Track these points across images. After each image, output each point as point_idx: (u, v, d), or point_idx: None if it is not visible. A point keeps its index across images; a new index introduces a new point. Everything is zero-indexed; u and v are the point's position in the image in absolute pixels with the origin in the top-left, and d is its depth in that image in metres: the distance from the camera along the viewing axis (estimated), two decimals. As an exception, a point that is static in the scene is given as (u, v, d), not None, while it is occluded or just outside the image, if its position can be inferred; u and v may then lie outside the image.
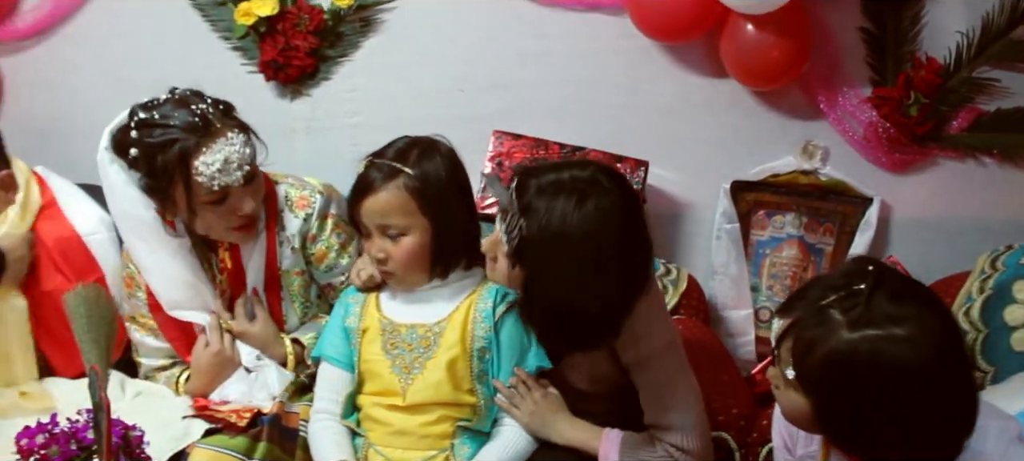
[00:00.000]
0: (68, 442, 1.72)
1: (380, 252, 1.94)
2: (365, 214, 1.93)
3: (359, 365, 2.00)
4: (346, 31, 2.75)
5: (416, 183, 1.90)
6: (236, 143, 2.02)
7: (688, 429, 1.88)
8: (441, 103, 2.74)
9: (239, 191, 2.04)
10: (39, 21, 2.91)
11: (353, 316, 2.03)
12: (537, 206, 1.74)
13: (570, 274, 1.75)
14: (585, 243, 1.72)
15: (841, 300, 1.42)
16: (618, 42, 2.68)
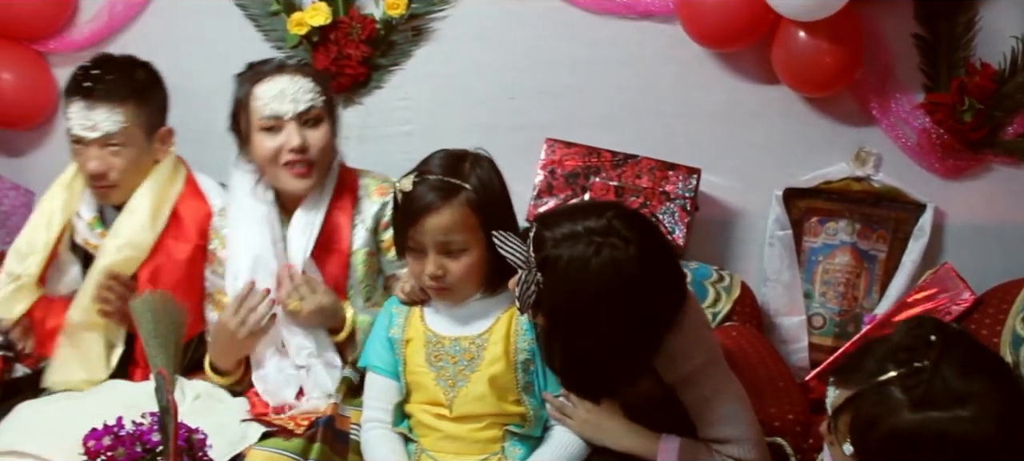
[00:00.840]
0: (133, 444, 1.74)
1: (438, 269, 1.90)
2: (425, 233, 1.89)
3: (405, 375, 2.01)
4: (398, 40, 2.78)
5: (476, 198, 1.89)
6: (298, 82, 2.15)
7: (744, 441, 1.86)
8: (492, 111, 2.75)
9: (291, 125, 2.14)
10: (95, 32, 2.97)
11: (397, 327, 2.03)
12: (553, 258, 1.71)
13: (587, 328, 1.71)
14: (600, 297, 1.68)
15: (903, 377, 1.40)
16: (669, 50, 2.68)
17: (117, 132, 2.28)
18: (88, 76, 2.30)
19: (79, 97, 2.28)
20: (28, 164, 3.11)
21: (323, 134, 2.18)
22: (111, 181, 2.31)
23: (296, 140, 2.14)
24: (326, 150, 2.20)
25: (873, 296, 2.69)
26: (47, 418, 2.12)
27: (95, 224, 2.39)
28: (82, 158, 2.32)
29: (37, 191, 3.07)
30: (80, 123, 2.27)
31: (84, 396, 2.26)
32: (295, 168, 2.17)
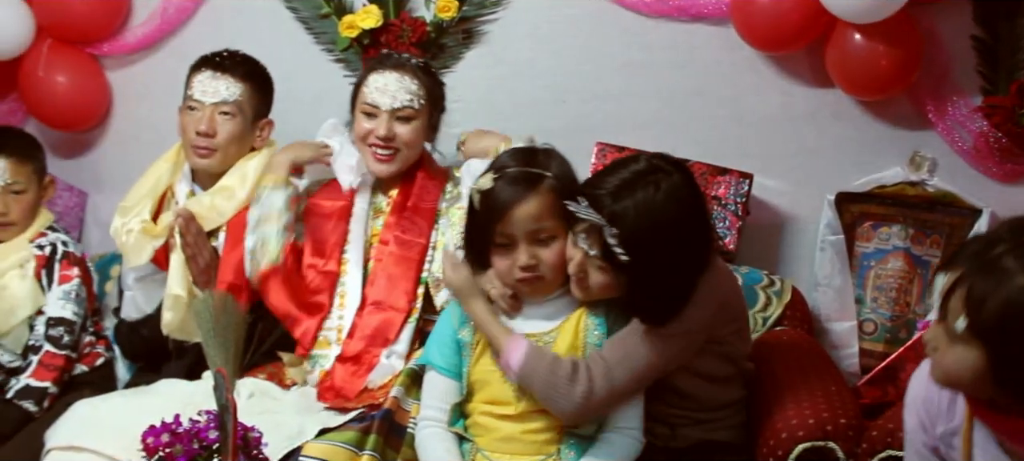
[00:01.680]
0: (191, 441, 1.75)
1: (531, 259, 1.94)
2: (515, 224, 1.93)
3: (470, 376, 2.01)
4: (448, 43, 2.78)
5: (558, 184, 1.94)
6: (403, 81, 2.34)
7: (612, 368, 1.89)
8: (543, 114, 2.75)
9: (385, 116, 2.33)
10: (147, 35, 3.01)
11: (467, 329, 2.04)
12: (620, 210, 1.81)
13: (670, 254, 1.84)
14: (671, 226, 1.84)
15: (1013, 249, 1.41)
16: (721, 52, 2.66)
17: (231, 101, 2.51)
18: (220, 53, 2.57)
19: (208, 68, 2.54)
20: (81, 165, 3.16)
21: (412, 130, 2.36)
22: (213, 145, 2.51)
23: (383, 130, 2.33)
24: (411, 144, 2.38)
25: (926, 302, 2.65)
26: (104, 415, 2.15)
27: (190, 197, 2.55)
28: (191, 121, 2.52)
29: (90, 192, 3.12)
30: (202, 88, 2.51)
31: (140, 393, 2.30)
32: (377, 153, 2.35)
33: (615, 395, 1.91)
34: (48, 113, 3.04)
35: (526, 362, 1.90)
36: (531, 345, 1.92)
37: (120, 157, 3.09)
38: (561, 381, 1.88)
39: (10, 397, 2.45)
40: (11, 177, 2.57)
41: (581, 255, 1.90)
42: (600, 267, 1.88)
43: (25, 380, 2.46)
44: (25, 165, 2.60)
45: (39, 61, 2.95)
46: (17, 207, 2.59)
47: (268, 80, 2.62)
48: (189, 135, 2.52)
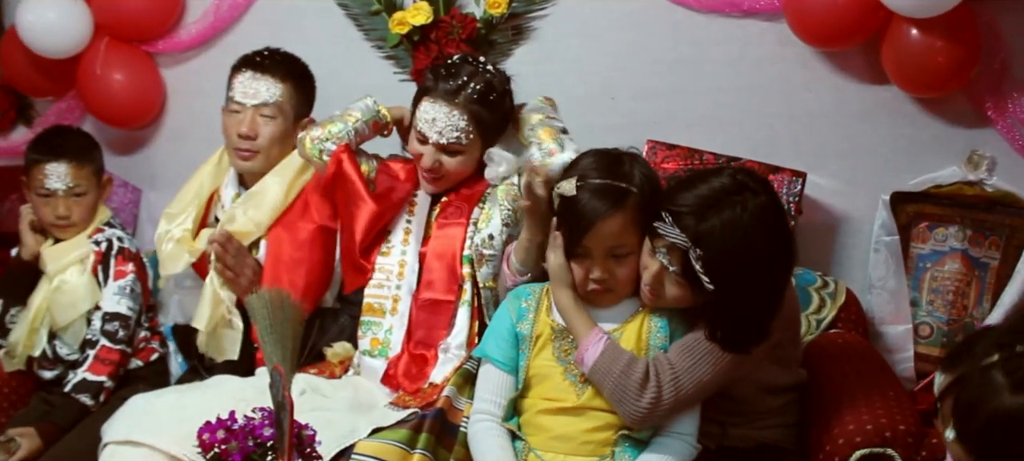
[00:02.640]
0: (246, 438, 1.77)
1: (604, 274, 1.94)
2: (594, 239, 1.92)
3: (527, 371, 2.01)
4: (498, 39, 2.78)
5: (643, 199, 1.92)
6: (452, 117, 2.29)
7: (679, 376, 1.88)
8: (593, 111, 2.73)
9: (432, 149, 2.33)
10: (201, 33, 3.05)
11: (527, 322, 2.04)
12: (705, 231, 1.79)
13: (757, 276, 1.81)
14: (759, 250, 1.80)
15: (1005, 361, 1.40)
16: (774, 48, 2.63)
17: (273, 102, 2.52)
18: (260, 53, 2.57)
19: (248, 68, 2.55)
20: (135, 162, 3.20)
21: (458, 162, 2.36)
22: (256, 146, 2.53)
23: (429, 161, 2.34)
24: (458, 174, 2.39)
25: (984, 305, 2.60)
26: (160, 410, 2.18)
27: (236, 199, 2.57)
28: (234, 123, 2.53)
29: (144, 189, 3.17)
30: (243, 90, 2.53)
31: (194, 389, 2.33)
32: (425, 175, 2.38)
33: (680, 403, 1.90)
34: (104, 110, 3.08)
35: (602, 359, 1.89)
36: (610, 343, 1.91)
37: (173, 154, 3.13)
38: (632, 385, 1.87)
39: (68, 390, 2.50)
40: (72, 181, 2.61)
41: (659, 267, 1.89)
42: (677, 283, 1.87)
43: (82, 374, 2.51)
44: (84, 167, 2.64)
45: (96, 59, 3.00)
46: (78, 209, 2.63)
47: (309, 78, 2.63)
48: (231, 137, 2.54)
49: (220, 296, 2.46)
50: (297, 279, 2.44)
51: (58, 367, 2.63)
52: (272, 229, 2.50)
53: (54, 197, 2.61)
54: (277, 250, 2.48)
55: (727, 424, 2.06)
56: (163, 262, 2.57)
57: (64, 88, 3.18)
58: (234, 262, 2.44)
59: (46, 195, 2.61)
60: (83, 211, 2.65)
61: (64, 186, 2.60)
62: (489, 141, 2.39)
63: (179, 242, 2.53)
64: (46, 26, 2.94)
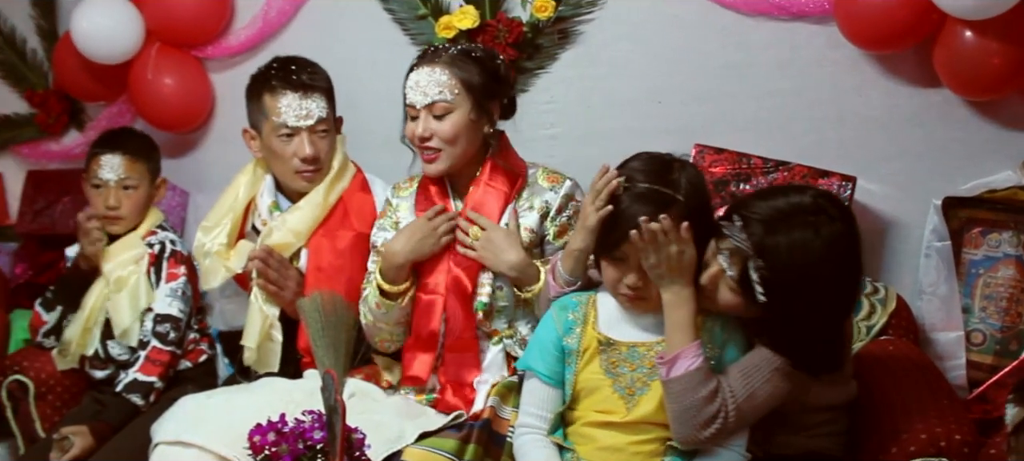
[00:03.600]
0: (296, 441, 1.78)
1: (639, 281, 1.90)
2: (634, 247, 1.86)
3: (575, 384, 1.99)
4: (544, 43, 2.78)
5: (688, 207, 1.87)
6: (433, 74, 2.22)
7: (740, 398, 1.84)
8: (639, 115, 2.72)
9: (422, 115, 2.23)
10: (250, 38, 3.08)
11: (574, 336, 2.00)
12: (771, 244, 1.75)
13: (816, 303, 1.76)
14: (825, 275, 1.76)
15: None
16: (823, 52, 2.60)
17: (325, 118, 2.50)
18: (291, 71, 2.49)
19: (290, 90, 2.47)
20: (184, 165, 3.24)
21: (450, 125, 2.22)
22: (319, 165, 2.51)
23: (420, 128, 2.23)
24: (452, 139, 2.23)
25: (1040, 313, 2.55)
26: (209, 411, 2.20)
27: (274, 208, 2.57)
28: (291, 148, 2.48)
29: (192, 192, 3.20)
30: (295, 113, 2.46)
31: (243, 390, 2.35)
32: (424, 154, 2.26)
33: (740, 427, 1.87)
34: (155, 114, 3.13)
35: (687, 378, 1.83)
36: (704, 365, 1.84)
37: (221, 157, 3.16)
38: (702, 419, 1.82)
39: (119, 390, 2.54)
40: (124, 172, 2.67)
41: (717, 269, 1.85)
42: (732, 289, 1.84)
43: (133, 374, 2.55)
44: (138, 163, 2.70)
45: (148, 64, 3.04)
46: (128, 203, 2.68)
47: (330, 78, 2.59)
48: (290, 162, 2.49)
49: (266, 312, 2.45)
50: (339, 287, 2.37)
51: (110, 367, 2.67)
52: (312, 238, 2.49)
53: (106, 187, 2.67)
54: (318, 258, 2.46)
55: (775, 431, 2.04)
56: (201, 275, 2.59)
57: (116, 93, 3.23)
58: (277, 276, 2.42)
59: (98, 185, 2.68)
60: (132, 205, 2.69)
61: (115, 177, 2.66)
62: (479, 103, 2.25)
63: (215, 256, 2.53)
64: (99, 32, 2.99)
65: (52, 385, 2.72)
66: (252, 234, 2.60)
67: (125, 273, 2.64)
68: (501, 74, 2.30)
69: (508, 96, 2.34)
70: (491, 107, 2.28)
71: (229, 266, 2.52)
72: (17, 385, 2.70)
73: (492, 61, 2.30)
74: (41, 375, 2.71)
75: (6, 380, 2.70)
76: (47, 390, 2.71)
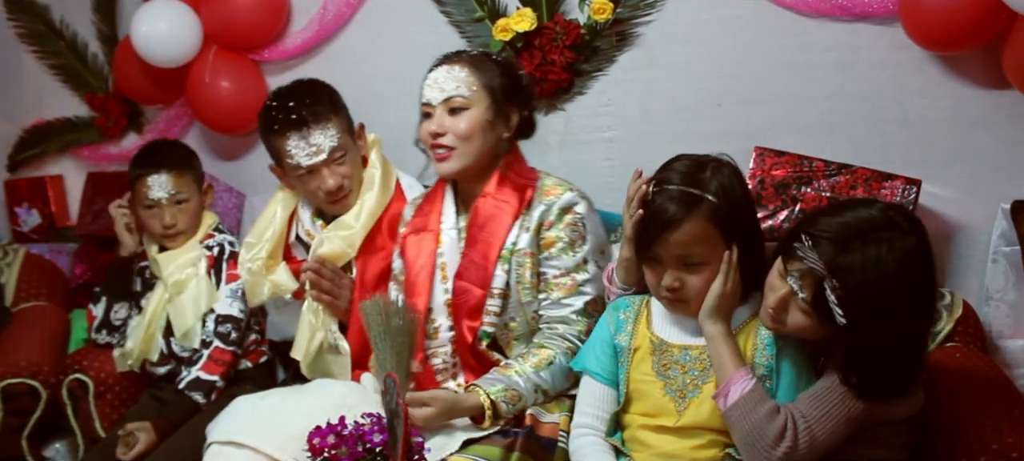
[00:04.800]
0: (356, 444, 1.78)
1: (675, 282, 1.89)
2: (664, 246, 1.87)
3: (627, 384, 1.97)
4: (602, 45, 2.75)
5: (717, 209, 1.86)
6: (451, 71, 2.21)
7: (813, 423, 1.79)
8: (698, 118, 2.69)
9: (438, 111, 2.20)
10: (306, 42, 3.10)
11: (625, 333, 2.00)
12: (845, 264, 1.70)
13: (893, 322, 1.71)
14: (901, 292, 1.71)
15: None
16: (887, 53, 2.55)
17: (337, 145, 2.44)
18: (288, 110, 2.42)
19: (291, 130, 2.42)
20: (241, 167, 3.27)
21: (465, 122, 2.18)
22: (346, 190, 2.48)
23: (434, 125, 2.20)
24: (466, 137, 2.19)
25: (1111, 320, 2.48)
26: (263, 413, 2.20)
27: (316, 217, 2.56)
28: (314, 184, 2.46)
29: (249, 193, 3.23)
30: (305, 152, 2.42)
31: (297, 393, 2.33)
32: (436, 152, 2.22)
33: (815, 452, 1.81)
34: (212, 117, 3.16)
35: (746, 400, 1.80)
36: (756, 387, 1.82)
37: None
38: (769, 435, 1.78)
39: (181, 388, 2.57)
40: (174, 189, 2.68)
41: (787, 292, 1.80)
42: (805, 311, 1.79)
43: (196, 372, 2.57)
44: (185, 175, 2.71)
45: (205, 68, 3.07)
46: (183, 217, 2.70)
47: (333, 92, 2.53)
48: (317, 195, 2.47)
49: (316, 325, 2.45)
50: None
51: (171, 363, 2.70)
52: (358, 255, 2.47)
53: (159, 207, 2.68)
54: (363, 273, 2.46)
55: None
56: (247, 292, 2.58)
57: (173, 96, 3.27)
58: (331, 286, 2.42)
59: (151, 206, 2.69)
60: (188, 218, 2.71)
61: (166, 194, 2.67)
62: (497, 105, 2.21)
63: (255, 273, 2.53)
64: (158, 37, 3.03)
65: (111, 384, 2.76)
66: (297, 245, 2.60)
67: (183, 276, 2.66)
68: (523, 84, 2.29)
69: (529, 109, 2.30)
70: (509, 112, 2.24)
71: (279, 285, 2.51)
72: (78, 384, 2.74)
73: (513, 69, 2.30)
74: (100, 374, 2.75)
75: (67, 379, 2.74)
76: (106, 389, 2.75)
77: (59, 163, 3.57)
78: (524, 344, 2.22)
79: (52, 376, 2.73)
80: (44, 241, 3.52)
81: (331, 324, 2.46)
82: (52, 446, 2.85)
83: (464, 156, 2.20)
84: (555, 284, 2.17)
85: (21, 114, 3.55)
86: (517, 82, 2.27)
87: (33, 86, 3.54)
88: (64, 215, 3.56)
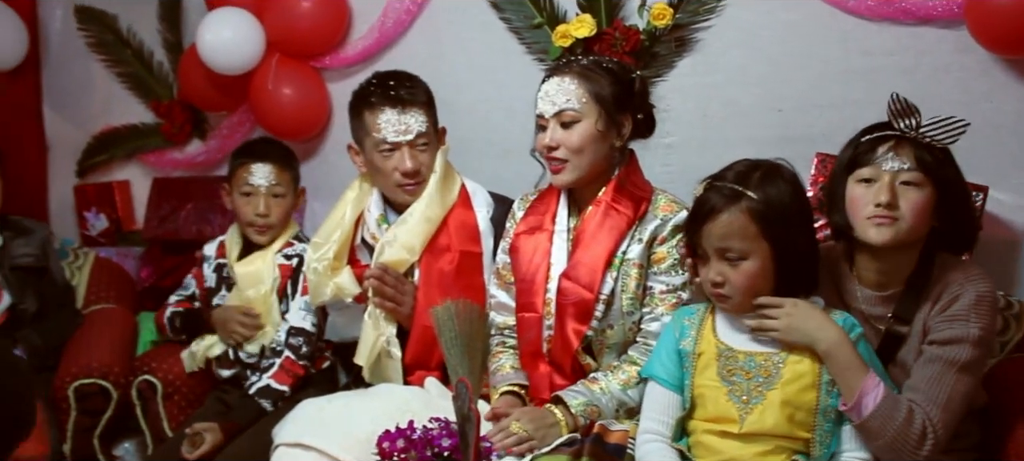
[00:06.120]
0: (425, 448, 1.80)
1: (718, 276, 1.91)
2: (705, 237, 1.92)
3: (692, 389, 1.98)
4: (661, 51, 2.76)
5: (758, 207, 1.88)
6: (562, 84, 2.21)
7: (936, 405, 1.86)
8: (758, 123, 2.69)
9: (551, 125, 2.22)
10: (366, 49, 3.14)
11: (689, 339, 2.01)
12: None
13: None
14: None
15: None
16: (952, 56, 2.52)
17: (425, 132, 2.50)
18: (390, 87, 2.50)
19: (388, 106, 2.49)
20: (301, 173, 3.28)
21: (577, 134, 2.20)
22: (420, 178, 2.51)
23: (547, 138, 2.23)
24: (578, 150, 2.21)
25: None
26: (329, 415, 2.23)
27: (382, 221, 2.58)
28: (392, 163, 2.50)
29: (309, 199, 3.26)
30: (394, 128, 2.48)
31: (363, 396, 2.36)
32: (551, 164, 2.25)
33: (949, 435, 1.87)
34: (274, 123, 3.21)
35: (882, 407, 1.83)
36: (887, 391, 1.85)
37: (337, 165, 3.22)
38: (912, 441, 1.82)
39: (252, 393, 2.61)
40: (274, 180, 2.74)
41: (889, 178, 1.92)
42: (915, 182, 1.92)
43: (267, 380, 2.61)
44: (286, 172, 2.77)
45: (268, 75, 3.13)
46: (277, 210, 2.75)
47: (430, 90, 2.58)
48: (391, 176, 2.51)
49: (380, 329, 2.48)
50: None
51: (236, 367, 2.75)
52: (422, 256, 2.50)
53: (256, 194, 2.73)
54: (428, 276, 2.48)
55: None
56: (311, 290, 2.61)
57: (237, 103, 3.33)
58: (393, 292, 2.45)
59: (248, 193, 2.74)
60: (280, 213, 2.76)
61: (266, 183, 2.73)
62: (609, 115, 2.21)
63: (322, 273, 2.56)
64: (223, 45, 3.09)
65: (178, 385, 2.81)
66: (362, 248, 2.63)
67: (253, 293, 2.71)
68: (635, 88, 2.27)
69: (644, 111, 2.30)
70: (622, 120, 2.25)
71: (342, 288, 2.54)
72: (147, 385, 2.81)
73: (626, 73, 2.29)
74: (169, 376, 2.81)
75: (136, 380, 2.81)
76: (173, 390, 2.81)
77: (126, 168, 3.66)
78: (615, 355, 2.24)
79: (122, 377, 2.79)
80: (111, 245, 3.60)
81: (389, 329, 2.50)
82: (122, 445, 2.91)
83: (577, 168, 2.23)
84: (660, 299, 2.20)
85: (90, 121, 3.64)
86: (629, 87, 2.27)
87: (101, 94, 3.63)
88: (130, 219, 3.65)
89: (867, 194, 1.96)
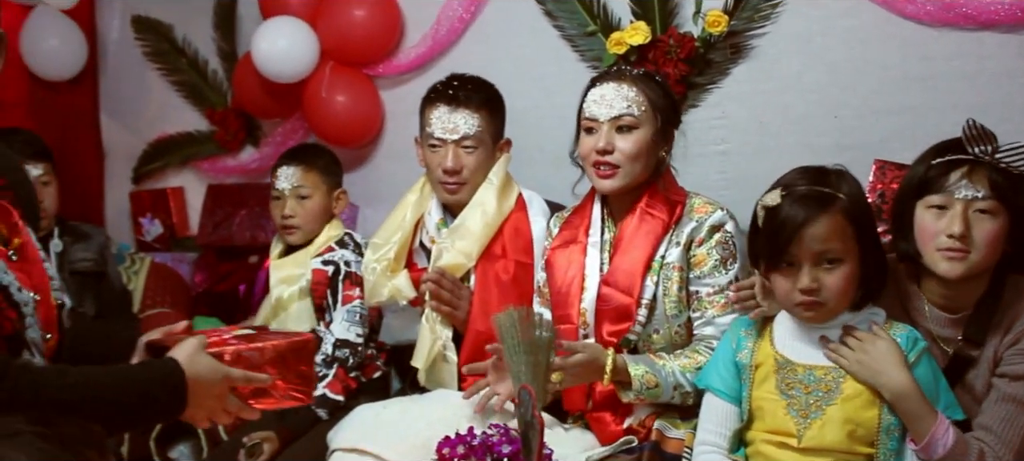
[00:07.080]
0: (485, 455, 1.81)
1: (813, 282, 1.85)
2: (802, 244, 1.85)
3: (750, 402, 1.96)
4: (716, 58, 2.74)
5: (850, 208, 1.86)
6: (620, 89, 2.22)
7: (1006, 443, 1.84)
8: (815, 130, 2.66)
9: (605, 128, 2.21)
10: (419, 56, 3.16)
11: (746, 351, 1.99)
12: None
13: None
14: None
15: None
16: (1014, 62, 2.47)
17: (473, 134, 2.52)
18: (451, 85, 2.55)
19: (442, 103, 2.54)
20: (354, 180, 3.33)
21: (633, 141, 2.20)
22: (462, 178, 2.54)
23: (602, 142, 2.21)
24: (633, 157, 2.21)
25: None
26: (384, 421, 2.25)
27: (441, 225, 2.61)
28: (437, 157, 2.54)
29: (361, 206, 3.30)
30: (441, 125, 2.52)
31: (418, 402, 2.38)
32: (599, 169, 2.23)
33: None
34: (327, 130, 3.24)
35: (954, 451, 1.81)
36: (957, 434, 1.82)
37: (390, 172, 3.25)
38: None
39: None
40: (297, 181, 2.79)
41: (962, 207, 1.87)
42: (990, 211, 1.87)
43: (322, 389, 2.61)
44: (311, 172, 2.80)
45: (322, 83, 3.16)
46: (302, 212, 2.79)
47: (500, 100, 2.62)
48: (435, 172, 2.55)
49: (436, 333, 2.49)
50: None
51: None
52: (478, 262, 2.51)
53: (281, 198, 2.79)
54: (484, 282, 2.49)
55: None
56: (367, 290, 2.64)
57: (290, 110, 3.37)
58: (450, 297, 2.46)
59: (277, 197, 2.81)
60: (307, 216, 2.79)
61: (289, 185, 2.77)
62: (662, 127, 2.23)
63: (381, 273, 2.58)
64: (278, 53, 3.12)
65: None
66: (419, 251, 2.65)
67: (286, 296, 2.75)
68: (676, 103, 2.33)
69: (678, 126, 2.34)
70: (670, 131, 2.28)
71: (399, 290, 2.56)
72: (202, 389, 2.83)
73: (669, 88, 2.33)
74: (223, 381, 2.83)
75: (191, 384, 2.84)
76: (228, 395, 2.84)
77: (180, 175, 3.73)
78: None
79: (178, 381, 2.83)
80: (165, 250, 3.66)
81: (445, 333, 2.51)
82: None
83: (628, 175, 2.23)
84: (709, 302, 2.19)
85: (146, 128, 3.71)
86: (675, 101, 2.33)
87: (157, 102, 3.70)
88: (184, 225, 3.70)
89: (938, 223, 1.91)
